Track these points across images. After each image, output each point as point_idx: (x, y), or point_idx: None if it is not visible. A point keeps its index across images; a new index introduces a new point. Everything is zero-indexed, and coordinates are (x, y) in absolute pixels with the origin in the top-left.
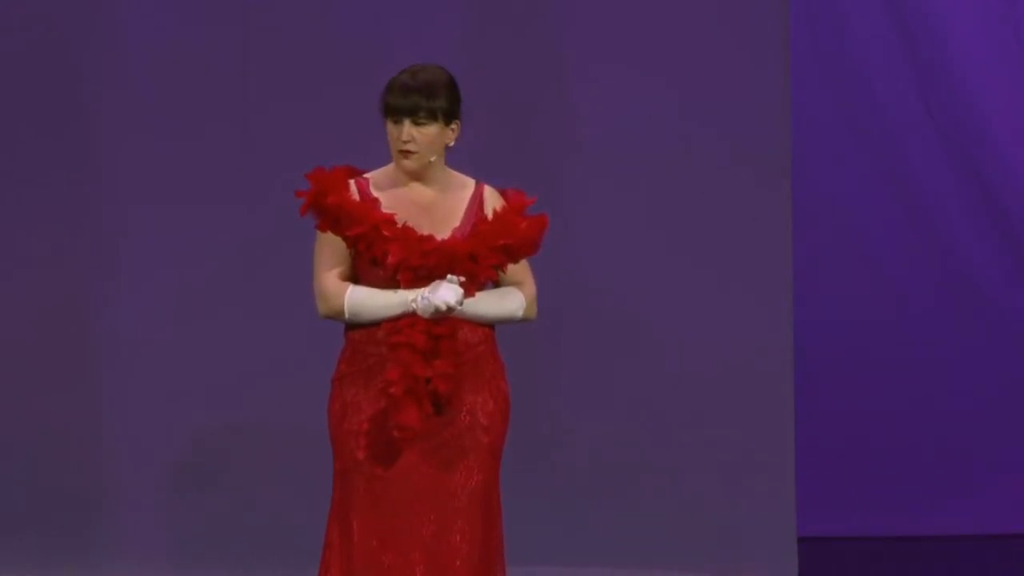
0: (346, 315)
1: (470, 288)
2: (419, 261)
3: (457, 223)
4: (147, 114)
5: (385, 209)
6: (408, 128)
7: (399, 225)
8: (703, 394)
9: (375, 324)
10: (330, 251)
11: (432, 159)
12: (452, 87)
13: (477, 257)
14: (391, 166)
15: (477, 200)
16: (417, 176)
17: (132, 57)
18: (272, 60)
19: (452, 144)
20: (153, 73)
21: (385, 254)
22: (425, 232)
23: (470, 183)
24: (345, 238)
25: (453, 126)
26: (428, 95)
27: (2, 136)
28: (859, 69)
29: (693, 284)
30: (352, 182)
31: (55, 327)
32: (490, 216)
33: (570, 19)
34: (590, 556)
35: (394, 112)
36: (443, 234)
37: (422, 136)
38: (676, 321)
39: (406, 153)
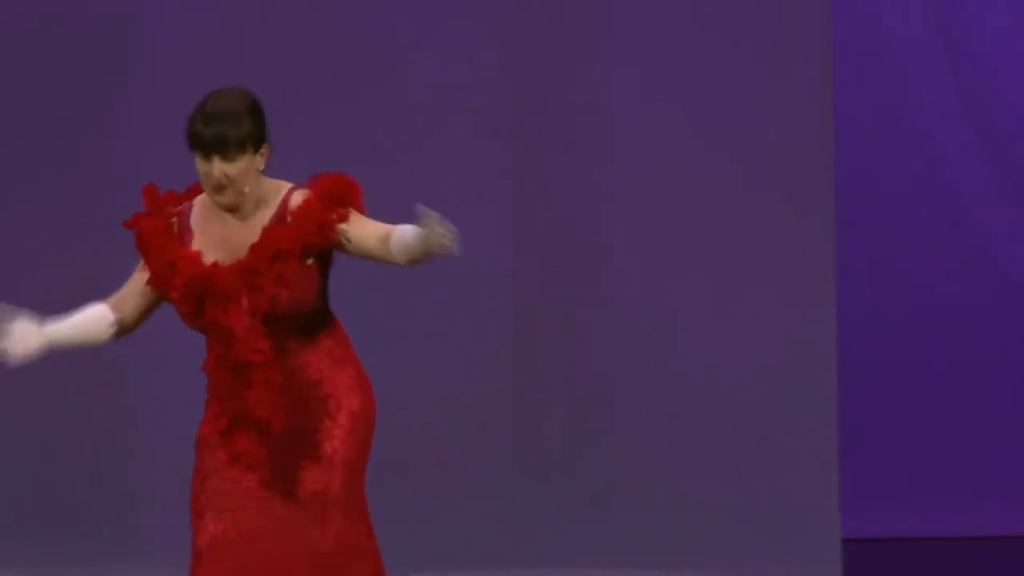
0: None
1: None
2: (200, 287)
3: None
4: (167, 115)
5: (197, 242)
6: (219, 165)
7: (198, 260)
8: (745, 394)
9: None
10: (136, 277)
11: (246, 190)
12: (255, 111)
13: (257, 271)
14: None
15: (282, 210)
16: (231, 209)
17: (150, 59)
18: (296, 62)
19: (263, 167)
20: (170, 74)
21: (172, 286)
22: (226, 261)
23: (280, 196)
24: (148, 270)
25: (263, 151)
26: (233, 126)
27: (33, 139)
28: (898, 71)
29: (736, 283)
30: (179, 209)
31: None
32: (288, 220)
33: (606, 21)
34: (630, 557)
35: (200, 148)
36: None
37: (234, 170)
38: (719, 320)
39: (220, 189)
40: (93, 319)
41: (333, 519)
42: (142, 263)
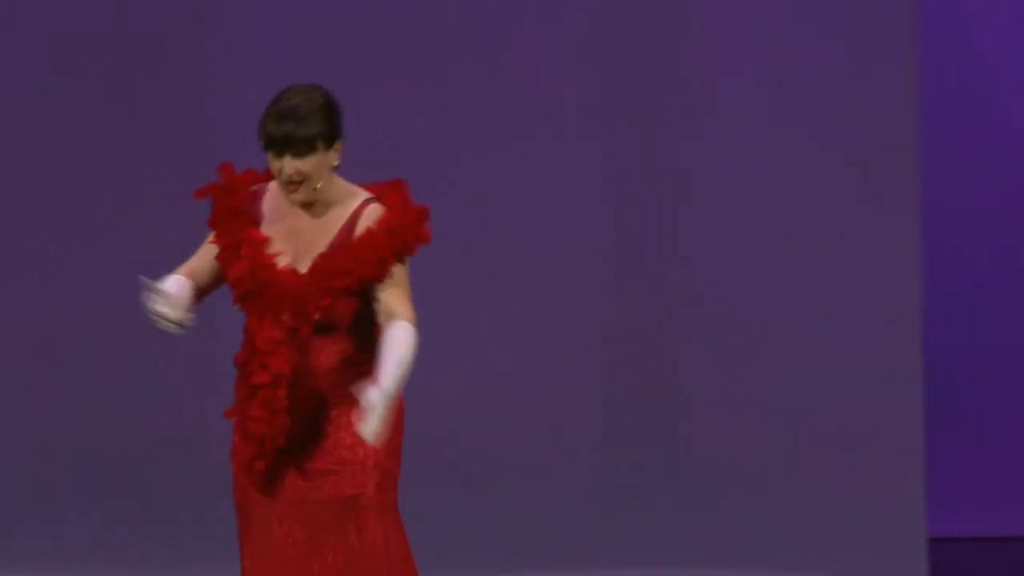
0: None
1: (305, 328)
2: (249, 287)
3: (322, 250)
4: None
5: (266, 228)
6: (290, 162)
7: (263, 248)
8: (830, 391)
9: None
10: (207, 248)
11: (319, 186)
12: (328, 108)
13: (306, 300)
14: None
15: (351, 224)
16: (303, 204)
17: (246, 56)
18: (391, 56)
19: (337, 164)
20: (265, 71)
21: (231, 269)
22: (290, 258)
23: (354, 203)
24: (217, 245)
25: (336, 147)
26: (304, 124)
27: (137, 139)
28: (986, 69)
29: (820, 280)
30: (254, 189)
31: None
32: (351, 244)
33: (696, 20)
34: (713, 556)
35: (272, 146)
36: (303, 263)
37: (306, 168)
38: (803, 317)
39: (291, 187)
40: (187, 289)
41: (369, 522)
42: (211, 237)
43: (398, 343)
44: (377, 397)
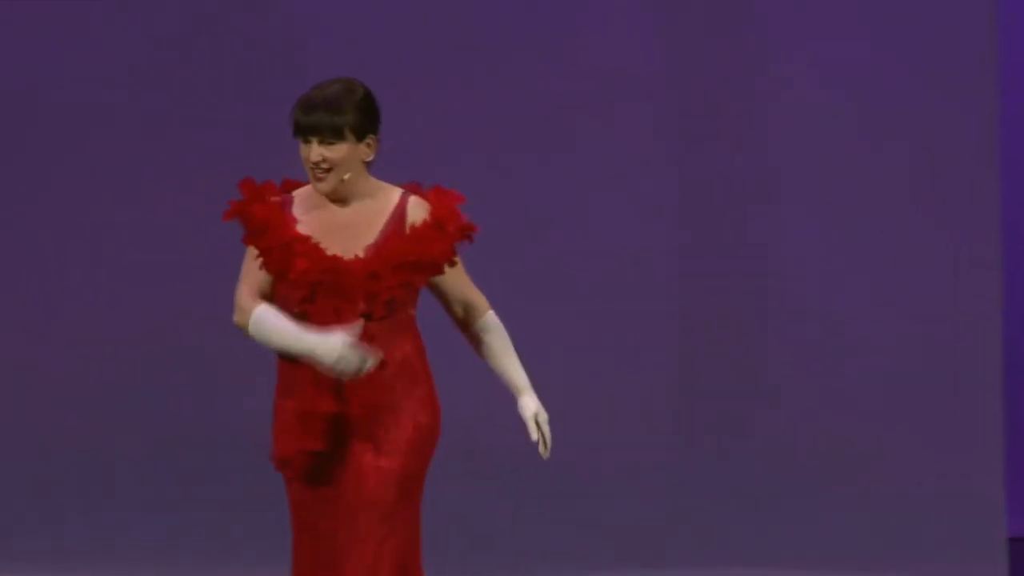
0: (249, 331)
1: (369, 315)
2: (319, 277)
3: (372, 240)
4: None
5: (302, 229)
6: (316, 148)
7: (315, 243)
8: (908, 391)
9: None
10: (255, 264)
11: (346, 177)
12: (363, 101)
13: (379, 277)
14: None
15: (398, 215)
16: (332, 196)
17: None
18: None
19: (370, 159)
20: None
21: (291, 267)
22: (338, 251)
23: (394, 196)
24: (260, 251)
25: (368, 141)
26: (334, 112)
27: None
28: None
29: (900, 282)
30: (277, 199)
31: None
32: (408, 232)
33: (773, 24)
34: (793, 556)
35: (300, 131)
36: (356, 253)
37: (333, 155)
38: (882, 318)
39: (317, 174)
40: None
41: (386, 529)
42: (251, 253)
43: (504, 339)
44: (535, 414)
